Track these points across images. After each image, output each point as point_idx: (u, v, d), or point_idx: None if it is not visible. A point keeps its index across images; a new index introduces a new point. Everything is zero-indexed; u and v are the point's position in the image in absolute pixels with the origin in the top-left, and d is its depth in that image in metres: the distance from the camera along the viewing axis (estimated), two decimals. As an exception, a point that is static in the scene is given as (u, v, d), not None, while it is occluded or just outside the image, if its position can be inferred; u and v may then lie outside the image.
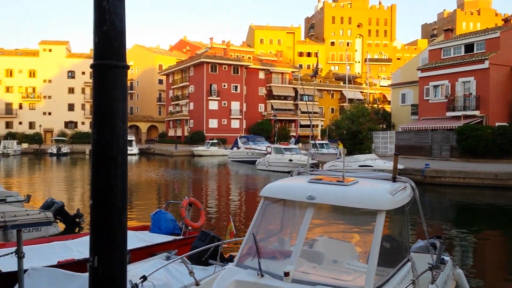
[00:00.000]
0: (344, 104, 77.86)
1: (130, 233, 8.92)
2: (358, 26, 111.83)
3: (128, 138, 44.22)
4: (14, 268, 6.37)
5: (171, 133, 78.86)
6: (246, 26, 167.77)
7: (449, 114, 35.18)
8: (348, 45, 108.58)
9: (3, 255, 4.50)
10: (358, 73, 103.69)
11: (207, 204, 17.99)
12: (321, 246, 5.57)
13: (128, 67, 1.64)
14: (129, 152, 61.41)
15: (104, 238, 1.55)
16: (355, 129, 37.64)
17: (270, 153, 37.66)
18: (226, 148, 56.73)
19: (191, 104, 76.35)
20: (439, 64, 36.87)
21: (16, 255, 3.97)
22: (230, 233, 7.29)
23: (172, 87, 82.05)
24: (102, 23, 1.57)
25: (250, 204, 19.73)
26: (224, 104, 73.89)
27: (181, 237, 9.32)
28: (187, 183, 25.88)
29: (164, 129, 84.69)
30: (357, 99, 62.98)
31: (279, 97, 79.98)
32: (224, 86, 73.82)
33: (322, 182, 4.71)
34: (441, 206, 19.46)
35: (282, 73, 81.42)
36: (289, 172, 7.18)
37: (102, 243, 1.54)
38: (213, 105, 73.10)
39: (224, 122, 73.93)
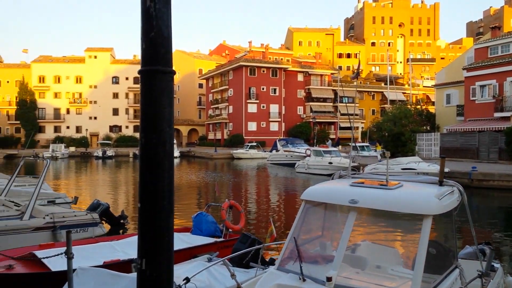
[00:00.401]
0: (385, 105, 76.14)
1: (175, 235, 9.08)
2: (399, 25, 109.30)
3: (170, 142, 44.78)
4: (63, 267, 6.63)
5: (210, 136, 79.90)
6: (284, 28, 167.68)
7: (497, 114, 33.69)
8: (389, 45, 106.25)
9: (54, 256, 4.68)
10: (400, 74, 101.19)
11: (246, 207, 18.07)
12: (364, 251, 5.46)
13: (174, 73, 1.67)
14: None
15: (151, 241, 1.57)
16: (397, 131, 36.72)
17: (309, 155, 37.41)
18: (265, 151, 56.82)
19: (230, 107, 77.07)
20: (486, 63, 35.39)
21: (66, 256, 4.10)
22: (270, 236, 7.27)
23: (212, 91, 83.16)
24: (149, 29, 1.60)
25: (289, 207, 19.63)
26: (263, 107, 74.09)
27: (221, 239, 9.39)
28: (227, 185, 26.10)
29: (204, 132, 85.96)
30: (399, 100, 61.43)
31: (318, 99, 79.33)
32: (263, 89, 74.05)
33: (365, 186, 4.61)
34: (489, 210, 18.63)
35: (321, 75, 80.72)
36: (329, 175, 7.08)
37: (150, 246, 1.57)
38: (252, 108, 73.46)
39: (263, 125, 74.13)
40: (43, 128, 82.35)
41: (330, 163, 32.82)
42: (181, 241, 8.89)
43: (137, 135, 62.18)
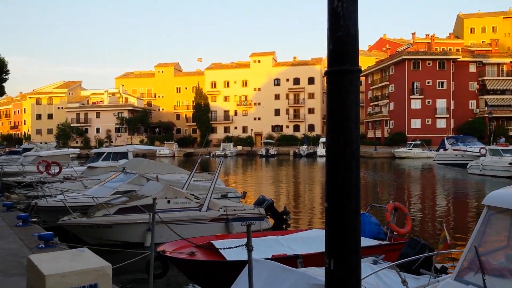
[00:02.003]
0: None
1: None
2: None
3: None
4: (237, 257, 7.18)
5: (370, 134, 77.65)
6: (453, 16, 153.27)
7: None
8: None
9: (232, 247, 5.07)
10: None
11: (411, 209, 17.02)
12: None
13: (361, 71, 1.63)
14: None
15: (340, 242, 1.56)
16: None
17: (484, 155, 33.45)
18: (431, 150, 52.89)
19: (391, 104, 73.71)
20: None
21: (246, 248, 4.40)
22: (444, 243, 6.69)
23: (371, 87, 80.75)
24: (336, 29, 1.60)
25: (461, 212, 17.86)
26: (428, 102, 68.95)
27: (386, 242, 9.00)
28: (392, 186, 24.97)
29: (363, 130, 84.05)
30: None
31: (494, 92, 70.34)
32: (428, 83, 68.92)
33: None
34: None
35: (499, 64, 71.38)
36: (509, 177, 6.18)
37: (338, 246, 1.56)
38: (416, 104, 69.02)
39: (428, 121, 69.01)
40: (215, 129, 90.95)
41: (511, 164, 28.81)
42: None
43: (297, 134, 63.55)
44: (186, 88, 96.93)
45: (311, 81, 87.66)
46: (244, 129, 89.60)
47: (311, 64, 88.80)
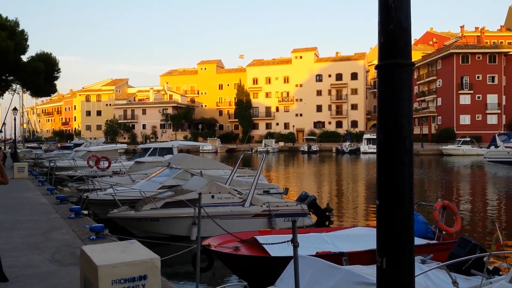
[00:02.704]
0: None
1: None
2: None
3: (371, 137, 44.84)
4: (281, 253, 7.20)
5: (416, 131, 75.35)
6: (504, 7, 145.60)
7: None
8: None
9: (279, 243, 5.09)
10: None
11: (460, 208, 16.39)
12: None
13: (413, 65, 1.59)
14: (372, 150, 61.68)
15: (392, 240, 1.53)
16: None
17: (540, 153, 31.71)
18: (481, 147, 50.73)
19: (439, 99, 71.22)
20: None
21: (291, 244, 4.42)
22: (496, 244, 6.41)
23: (417, 82, 78.31)
24: (388, 22, 1.56)
25: (514, 212, 17.02)
26: (478, 97, 66.09)
27: (435, 241, 8.73)
28: (440, 184, 24.12)
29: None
30: None
31: (551, 86, 66.49)
32: (478, 77, 66.03)
33: None
34: None
35: (557, 57, 67.35)
36: None
37: (390, 245, 1.53)
38: (465, 100, 66.34)
39: (478, 117, 66.17)
40: (257, 125, 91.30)
41: None
42: None
43: (340, 130, 62.59)
44: (228, 85, 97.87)
45: (354, 76, 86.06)
46: (286, 125, 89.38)
47: (354, 59, 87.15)
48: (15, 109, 34.25)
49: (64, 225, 9.41)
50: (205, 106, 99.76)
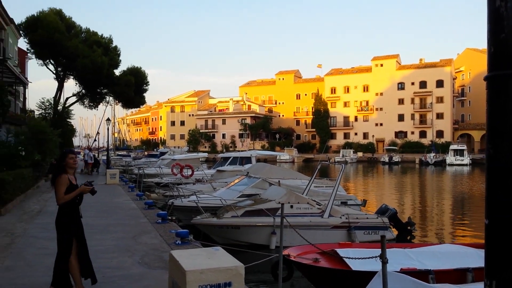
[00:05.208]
0: None
1: (472, 251, 8.29)
2: None
3: (459, 147, 41.96)
4: (362, 267, 6.99)
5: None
6: None
7: None
8: None
9: (365, 258, 4.95)
10: None
11: None
12: None
13: (528, 75, 1.48)
14: (459, 162, 57.97)
15: (502, 261, 1.43)
16: None
17: None
18: None
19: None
20: None
21: (380, 260, 4.29)
22: None
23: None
24: (499, 31, 1.47)
25: None
26: None
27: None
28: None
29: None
30: None
31: None
32: None
33: None
34: None
35: None
36: None
37: (501, 266, 1.43)
38: None
39: None
40: (334, 135, 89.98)
41: None
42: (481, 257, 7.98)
43: (423, 140, 59.49)
44: (305, 95, 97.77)
45: (439, 84, 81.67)
46: (365, 135, 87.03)
47: (440, 66, 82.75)
48: (108, 119, 36.97)
49: (152, 229, 9.94)
50: (283, 116, 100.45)
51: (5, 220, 11.01)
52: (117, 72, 40.26)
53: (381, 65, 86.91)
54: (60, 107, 36.90)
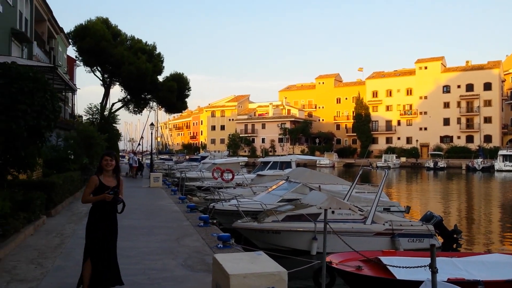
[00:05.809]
0: None
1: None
2: None
3: (508, 153, 40.54)
4: (407, 277, 6.81)
5: None
6: None
7: None
8: None
9: (414, 267, 4.84)
10: None
11: None
12: None
13: None
14: (508, 168, 55.45)
15: None
16: None
17: None
18: None
19: None
20: None
21: (430, 269, 4.19)
22: None
23: None
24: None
25: None
26: None
27: None
28: None
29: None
30: None
31: None
32: None
33: None
34: None
35: None
36: None
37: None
38: None
39: None
40: (376, 139, 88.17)
41: None
42: None
43: (470, 145, 57.61)
44: (346, 99, 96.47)
45: (487, 87, 78.38)
46: (408, 140, 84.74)
47: (488, 68, 79.43)
48: (152, 124, 37.93)
49: (194, 232, 10.11)
50: (323, 120, 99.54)
51: (55, 221, 11.52)
52: (160, 78, 41.35)
53: (425, 67, 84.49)
54: (106, 112, 38.26)
